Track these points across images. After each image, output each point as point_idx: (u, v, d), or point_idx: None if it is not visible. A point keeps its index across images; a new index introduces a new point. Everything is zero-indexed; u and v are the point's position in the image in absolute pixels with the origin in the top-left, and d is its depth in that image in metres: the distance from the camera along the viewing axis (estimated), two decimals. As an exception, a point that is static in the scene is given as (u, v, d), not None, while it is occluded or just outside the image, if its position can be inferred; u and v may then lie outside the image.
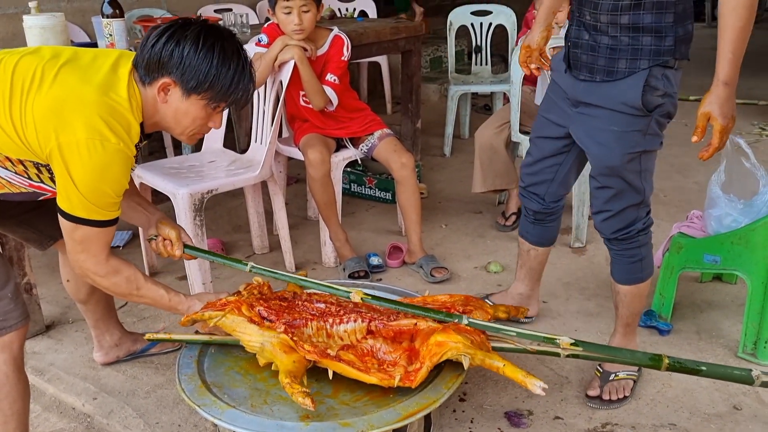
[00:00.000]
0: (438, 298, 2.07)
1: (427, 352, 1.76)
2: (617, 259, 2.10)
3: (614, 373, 2.10)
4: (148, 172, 2.74)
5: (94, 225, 1.63)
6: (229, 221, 3.59)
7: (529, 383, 1.67)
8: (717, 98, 1.73)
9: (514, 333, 1.85)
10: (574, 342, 1.81)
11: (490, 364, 1.75)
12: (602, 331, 2.48)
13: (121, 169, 1.59)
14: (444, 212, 3.64)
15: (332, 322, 1.94)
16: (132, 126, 1.60)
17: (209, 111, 1.69)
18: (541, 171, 2.22)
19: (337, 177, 2.94)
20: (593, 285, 2.81)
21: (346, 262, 2.91)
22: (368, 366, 1.77)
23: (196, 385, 1.82)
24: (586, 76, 1.92)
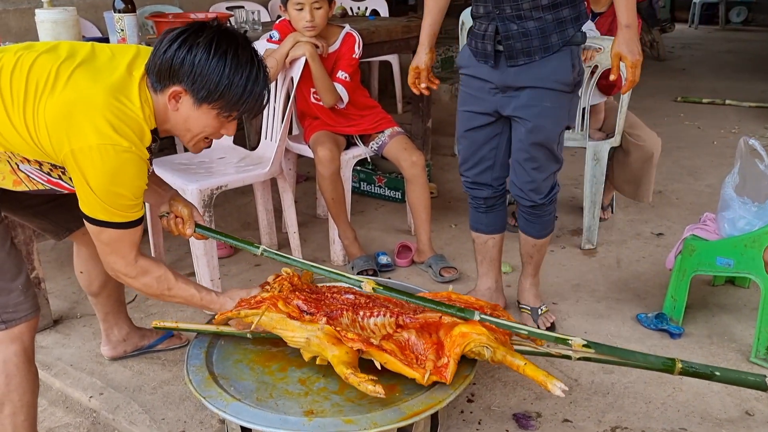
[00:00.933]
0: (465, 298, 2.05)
1: (451, 344, 1.75)
2: (536, 220, 2.37)
3: (539, 308, 2.50)
4: (159, 167, 2.73)
5: (118, 227, 1.64)
6: (238, 218, 3.59)
7: (549, 384, 1.66)
8: (624, 39, 2.05)
9: (526, 331, 1.83)
10: (586, 343, 1.79)
11: (511, 362, 1.73)
12: (612, 333, 2.46)
13: (136, 172, 1.58)
14: (454, 212, 3.62)
15: (363, 315, 1.93)
16: (144, 132, 1.59)
17: (221, 120, 1.67)
18: (480, 161, 2.35)
19: (346, 175, 2.93)
20: (603, 287, 2.79)
21: (354, 261, 2.89)
22: (410, 359, 1.76)
23: (203, 377, 1.82)
24: (525, 60, 2.11)
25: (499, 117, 2.26)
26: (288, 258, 2.01)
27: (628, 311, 2.60)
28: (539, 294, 2.55)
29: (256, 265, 3.05)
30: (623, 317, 2.56)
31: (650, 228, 3.38)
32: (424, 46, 2.35)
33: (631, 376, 2.19)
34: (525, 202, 2.32)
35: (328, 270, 1.99)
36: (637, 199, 3.21)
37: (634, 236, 3.29)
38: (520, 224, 2.45)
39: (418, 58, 2.37)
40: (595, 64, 2.89)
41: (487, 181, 2.39)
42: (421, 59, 2.36)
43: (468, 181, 2.43)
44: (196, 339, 1.98)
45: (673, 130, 5.00)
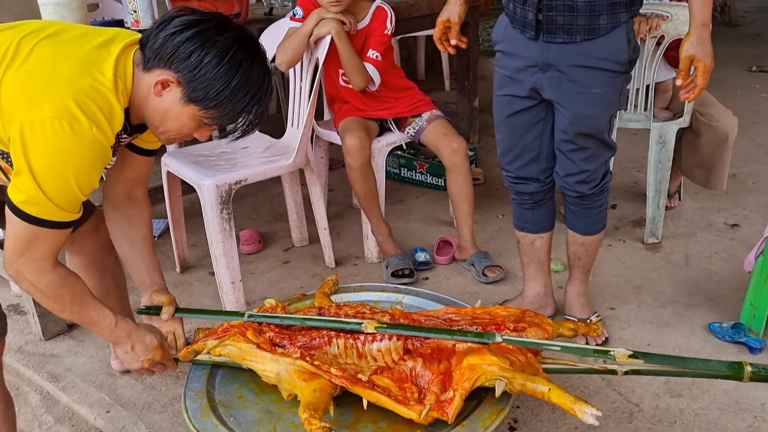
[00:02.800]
0: (490, 311, 1.79)
1: (460, 377, 1.49)
2: (584, 213, 2.09)
3: (588, 319, 2.19)
4: (175, 160, 2.54)
5: (47, 226, 1.36)
6: (270, 209, 3.38)
7: (578, 411, 1.36)
8: (698, 39, 1.75)
9: (558, 347, 1.55)
10: (632, 353, 1.50)
11: (532, 390, 1.45)
12: (680, 346, 2.14)
13: (92, 158, 1.34)
14: (501, 201, 3.32)
15: (364, 340, 1.69)
16: (114, 111, 1.35)
17: (201, 124, 1.44)
18: (523, 152, 2.06)
19: (379, 164, 2.67)
20: (669, 289, 2.46)
21: (389, 259, 2.64)
22: (407, 396, 1.51)
23: (201, 404, 1.62)
24: (564, 38, 1.82)
25: (540, 99, 1.96)
26: (276, 316, 1.75)
27: (699, 319, 2.27)
28: (589, 302, 2.26)
29: (285, 263, 2.84)
30: (693, 327, 2.24)
31: (723, 218, 3.01)
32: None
33: (703, 401, 1.89)
34: (571, 192, 2.05)
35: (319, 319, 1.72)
36: (709, 187, 2.85)
37: (705, 228, 2.93)
38: (567, 218, 2.17)
39: (449, 10, 2.06)
40: (660, 34, 2.53)
41: (532, 175, 2.09)
42: (453, 11, 2.05)
43: (510, 176, 2.15)
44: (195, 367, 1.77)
45: (748, 104, 4.54)
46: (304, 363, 1.55)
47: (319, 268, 2.77)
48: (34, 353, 2.29)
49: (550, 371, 1.54)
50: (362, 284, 2.09)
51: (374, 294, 2.04)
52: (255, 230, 3.03)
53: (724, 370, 1.48)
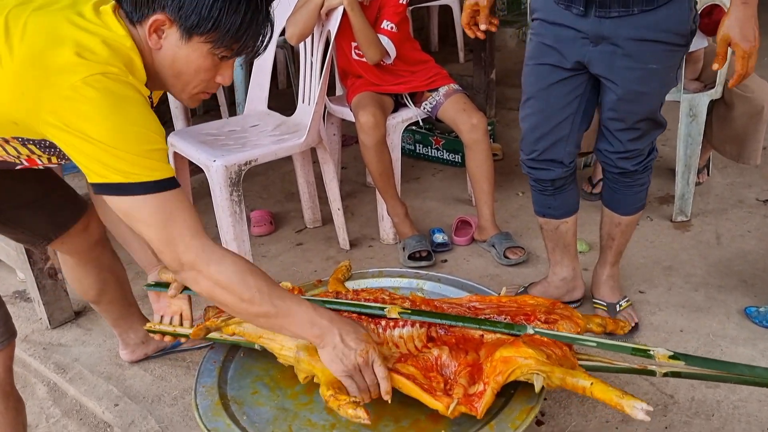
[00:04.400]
0: (517, 299, 1.68)
1: (491, 370, 1.38)
2: (625, 191, 1.95)
3: (618, 304, 2.08)
4: (182, 139, 2.43)
5: (162, 188, 1.20)
6: (282, 188, 3.27)
7: (626, 406, 1.26)
8: (736, 20, 1.55)
9: (594, 343, 1.44)
10: (672, 354, 1.39)
11: (573, 384, 1.34)
12: (714, 332, 2.03)
13: (139, 98, 1.21)
14: (521, 177, 3.18)
15: (385, 325, 1.59)
16: (134, 63, 1.24)
17: (215, 61, 1.29)
18: (553, 129, 1.88)
19: (394, 142, 2.55)
20: (701, 271, 2.34)
21: (405, 241, 2.54)
22: (433, 385, 1.41)
23: (212, 402, 1.53)
24: (620, 11, 1.65)
25: (583, 72, 1.79)
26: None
27: (734, 303, 2.16)
28: (619, 286, 2.14)
29: (298, 245, 2.74)
30: (728, 311, 2.13)
31: (755, 193, 2.87)
32: None
33: (742, 393, 1.78)
34: (613, 169, 1.92)
35: (344, 302, 1.62)
36: (742, 162, 2.70)
37: (736, 204, 2.80)
38: (604, 195, 2.03)
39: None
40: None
41: (558, 157, 1.93)
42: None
43: (531, 158, 1.98)
44: (211, 350, 1.69)
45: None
46: None
47: (333, 251, 2.67)
48: (40, 342, 2.21)
49: (586, 368, 1.44)
50: (381, 269, 1.99)
51: (393, 280, 1.94)
52: (266, 211, 2.93)
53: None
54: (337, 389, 1.35)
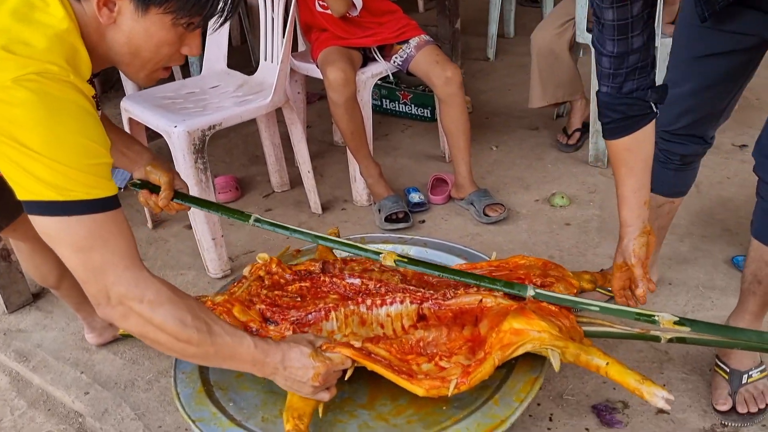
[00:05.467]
0: (508, 261, 1.61)
1: (497, 341, 1.30)
2: None
3: (747, 373, 1.57)
4: (137, 104, 2.25)
5: (101, 208, 1.06)
6: (245, 151, 3.12)
7: (646, 393, 1.20)
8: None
9: (597, 308, 1.38)
10: (678, 320, 1.34)
11: (587, 362, 1.28)
12: (703, 284, 2.00)
13: (82, 101, 1.04)
14: (493, 130, 3.11)
15: (371, 304, 1.50)
16: (78, 53, 1.07)
17: (180, 32, 1.13)
18: (704, 103, 1.58)
19: (365, 99, 2.42)
20: (684, 221, 2.30)
21: (381, 202, 2.43)
22: (412, 369, 1.33)
23: (194, 389, 1.43)
24: None
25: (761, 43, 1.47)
26: (288, 228, 1.56)
27: (720, 253, 2.13)
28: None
29: (267, 211, 2.61)
30: (714, 261, 2.09)
31: (729, 139, 2.84)
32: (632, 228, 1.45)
33: (737, 345, 1.75)
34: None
35: (338, 240, 1.55)
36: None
37: (712, 150, 2.68)
38: (755, 226, 1.52)
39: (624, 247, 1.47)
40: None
41: (702, 134, 1.65)
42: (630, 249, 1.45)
43: (671, 129, 1.63)
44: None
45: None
46: None
47: (305, 216, 2.55)
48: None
49: (589, 335, 1.37)
50: (363, 236, 1.89)
51: (377, 246, 1.83)
52: (230, 176, 2.79)
53: None
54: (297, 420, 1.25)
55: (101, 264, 1.07)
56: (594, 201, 2.48)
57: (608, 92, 1.36)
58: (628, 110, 1.36)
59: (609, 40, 1.29)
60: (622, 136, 1.38)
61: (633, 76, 1.33)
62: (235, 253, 2.34)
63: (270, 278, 1.63)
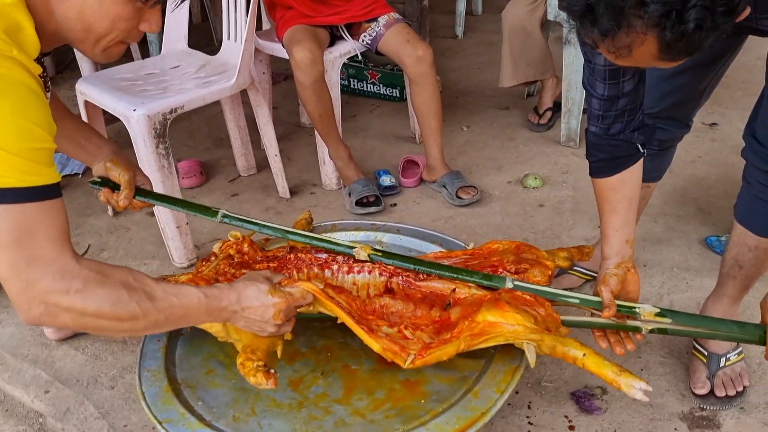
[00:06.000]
0: (484, 247, 1.57)
1: (468, 328, 1.26)
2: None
3: (724, 356, 1.56)
4: (93, 86, 2.15)
5: (35, 197, 0.96)
6: (209, 134, 3.02)
7: (624, 384, 1.16)
8: None
9: (577, 300, 1.35)
10: (659, 312, 1.31)
11: (563, 353, 1.24)
12: (678, 264, 1.99)
13: (26, 79, 0.95)
14: (464, 110, 3.06)
15: (337, 270, 1.45)
16: (23, 29, 0.97)
17: (137, 6, 1.05)
18: (684, 85, 1.53)
19: (333, 79, 2.34)
20: (657, 201, 2.28)
21: (351, 186, 2.37)
22: (372, 325, 1.29)
23: (161, 388, 1.36)
24: None
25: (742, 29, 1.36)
26: (256, 223, 1.50)
27: (694, 233, 2.12)
28: None
29: (233, 196, 2.53)
30: (688, 241, 2.08)
31: (700, 117, 2.80)
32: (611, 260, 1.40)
33: (713, 327, 1.74)
34: (766, 167, 1.38)
35: (305, 235, 1.49)
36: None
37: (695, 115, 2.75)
38: (740, 209, 1.48)
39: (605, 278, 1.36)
40: None
41: (682, 117, 1.62)
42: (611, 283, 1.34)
43: (652, 115, 1.52)
44: (153, 329, 1.50)
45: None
46: None
47: (273, 200, 2.47)
48: (-51, 326, 1.96)
49: (567, 324, 1.34)
50: (334, 223, 1.82)
51: (349, 234, 1.78)
52: (195, 160, 2.69)
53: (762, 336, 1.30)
54: (249, 353, 1.20)
55: (25, 259, 0.95)
56: (567, 182, 2.45)
57: (596, 132, 1.35)
58: (614, 151, 1.34)
59: (600, 84, 1.27)
60: (608, 175, 1.36)
61: (622, 118, 1.31)
62: (201, 240, 2.26)
63: (240, 257, 1.56)
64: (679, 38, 0.89)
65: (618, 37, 0.93)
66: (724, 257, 1.57)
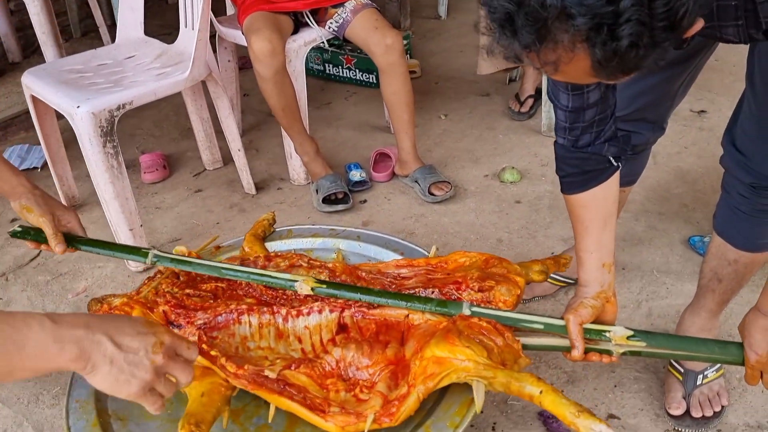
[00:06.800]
0: (447, 260, 1.45)
1: (421, 370, 1.15)
2: (761, 216, 1.30)
3: (701, 374, 1.46)
4: (40, 80, 2.01)
5: None
6: (176, 124, 2.89)
7: (582, 428, 1.05)
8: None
9: (542, 326, 1.24)
10: (632, 335, 1.20)
11: (519, 390, 1.12)
12: (658, 267, 1.88)
13: None
14: (442, 97, 2.93)
15: (286, 314, 1.34)
16: None
17: None
18: (657, 85, 1.41)
19: (297, 69, 2.21)
20: (639, 197, 2.17)
21: (318, 182, 2.25)
22: (329, 397, 1.18)
23: (88, 421, 1.25)
24: None
25: None
26: (190, 263, 1.39)
27: (676, 232, 2.00)
28: None
29: (197, 192, 2.41)
30: (670, 241, 1.97)
31: (688, 104, 2.70)
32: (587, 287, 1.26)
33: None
34: (746, 177, 1.28)
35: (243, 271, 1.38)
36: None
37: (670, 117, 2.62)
38: (719, 218, 1.39)
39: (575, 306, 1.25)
40: None
41: (655, 119, 1.51)
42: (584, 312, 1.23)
43: (623, 118, 1.40)
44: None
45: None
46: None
47: (238, 197, 2.36)
48: None
49: (530, 347, 1.23)
50: (290, 228, 1.71)
51: (306, 240, 1.67)
52: (158, 153, 2.56)
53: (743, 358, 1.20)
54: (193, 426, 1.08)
55: None
56: (546, 175, 2.33)
57: (563, 144, 1.22)
58: (583, 164, 1.21)
59: (563, 94, 1.14)
60: (579, 192, 1.23)
61: (590, 129, 1.18)
62: (160, 241, 2.15)
63: (186, 274, 1.46)
64: (612, 56, 0.76)
65: (542, 52, 0.80)
66: (703, 268, 1.46)
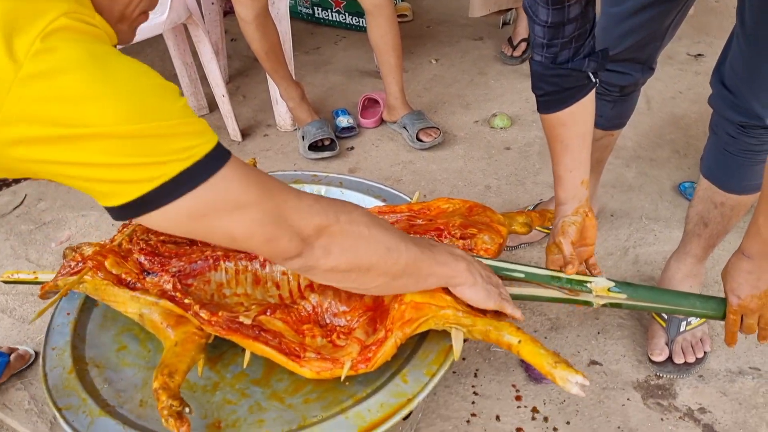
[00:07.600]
0: (430, 205, 1.43)
1: (399, 315, 1.13)
2: (745, 156, 1.28)
3: (685, 320, 1.45)
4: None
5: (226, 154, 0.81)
6: (163, 69, 2.82)
7: (559, 378, 1.03)
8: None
9: (522, 274, 1.22)
10: (614, 286, 1.19)
11: (497, 339, 1.11)
12: (647, 214, 1.85)
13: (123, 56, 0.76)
14: (433, 41, 2.85)
15: (264, 260, 1.32)
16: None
17: None
18: (645, 22, 1.36)
19: (281, 11, 2.14)
20: (631, 142, 2.13)
21: (304, 128, 2.21)
22: (305, 342, 1.17)
23: (64, 369, 1.24)
24: None
25: None
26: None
27: (667, 178, 1.97)
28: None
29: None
30: (660, 188, 1.94)
31: (685, 47, 2.64)
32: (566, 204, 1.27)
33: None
34: (734, 116, 1.24)
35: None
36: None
37: (665, 60, 2.57)
38: (707, 161, 1.38)
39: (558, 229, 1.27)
40: None
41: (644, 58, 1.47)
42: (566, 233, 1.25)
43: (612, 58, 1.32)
44: (64, 299, 1.37)
45: None
46: (168, 303, 1.18)
47: (224, 143, 2.30)
48: None
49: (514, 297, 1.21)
50: (274, 173, 1.68)
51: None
52: (142, 100, 2.51)
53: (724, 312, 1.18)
54: (167, 377, 1.07)
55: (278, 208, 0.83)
56: (537, 121, 2.28)
57: (541, 62, 1.17)
58: (563, 82, 1.17)
59: (543, 9, 1.08)
60: (557, 110, 1.19)
61: (569, 45, 1.13)
62: (144, 189, 2.12)
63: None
64: None
65: None
66: (689, 213, 1.44)
